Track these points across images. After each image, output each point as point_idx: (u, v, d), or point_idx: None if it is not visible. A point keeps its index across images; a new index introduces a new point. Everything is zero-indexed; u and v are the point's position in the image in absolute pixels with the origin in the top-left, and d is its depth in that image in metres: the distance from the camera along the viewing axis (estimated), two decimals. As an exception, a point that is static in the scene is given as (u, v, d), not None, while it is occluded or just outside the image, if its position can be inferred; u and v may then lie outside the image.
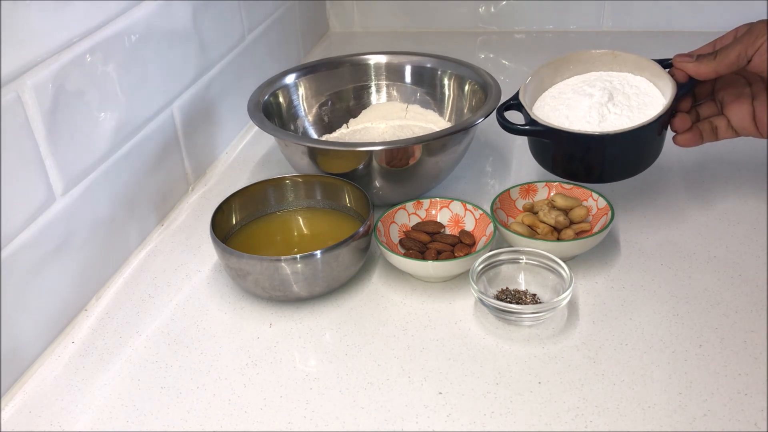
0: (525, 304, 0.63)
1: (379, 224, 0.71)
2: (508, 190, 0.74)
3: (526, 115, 0.71)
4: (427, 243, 0.70)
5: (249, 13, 0.98)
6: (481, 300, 0.63)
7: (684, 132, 0.71)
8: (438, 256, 0.69)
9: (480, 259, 0.65)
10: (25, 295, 0.60)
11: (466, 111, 0.86)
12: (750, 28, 0.65)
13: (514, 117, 0.71)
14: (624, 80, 0.73)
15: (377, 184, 0.76)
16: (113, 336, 0.65)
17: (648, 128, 0.67)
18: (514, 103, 0.73)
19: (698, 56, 0.67)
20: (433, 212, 0.74)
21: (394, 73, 0.91)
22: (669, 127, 0.71)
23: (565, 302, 0.62)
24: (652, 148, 0.70)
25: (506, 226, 0.69)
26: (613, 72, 0.74)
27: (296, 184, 0.76)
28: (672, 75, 0.69)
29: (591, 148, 0.69)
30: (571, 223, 0.71)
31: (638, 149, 0.69)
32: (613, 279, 0.68)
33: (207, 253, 0.75)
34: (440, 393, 0.57)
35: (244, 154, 0.94)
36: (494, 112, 0.73)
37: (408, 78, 0.91)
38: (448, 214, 0.74)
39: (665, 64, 0.71)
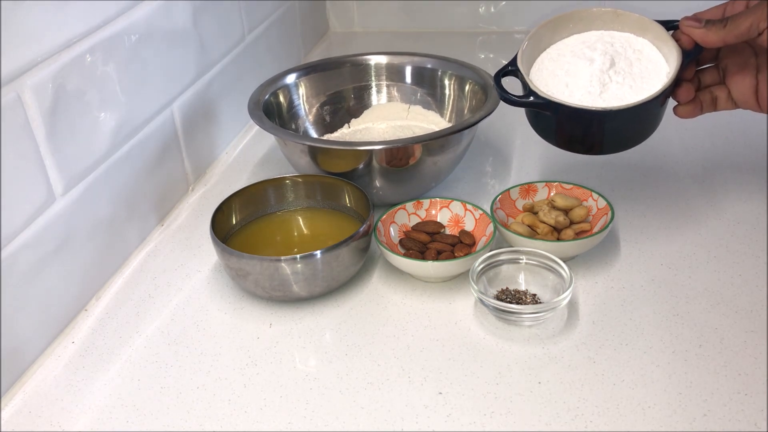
0: (525, 304, 0.63)
1: (379, 224, 0.71)
2: (508, 190, 0.74)
3: (525, 85, 0.67)
4: (427, 243, 0.70)
5: (249, 13, 0.98)
6: (481, 300, 0.63)
7: (686, 103, 0.68)
8: (438, 256, 0.69)
9: (480, 259, 0.65)
10: (25, 295, 0.60)
11: (466, 111, 0.86)
12: None
13: (509, 86, 0.68)
14: (626, 42, 0.69)
15: (377, 184, 0.76)
16: (113, 336, 0.65)
17: (652, 102, 0.64)
18: (512, 70, 0.68)
19: (707, 22, 0.64)
20: (433, 212, 0.74)
21: (394, 74, 0.91)
22: (671, 97, 0.68)
23: (565, 302, 0.62)
24: (654, 119, 0.68)
25: (506, 226, 0.69)
26: (614, 32, 0.70)
27: (296, 184, 0.76)
28: (677, 39, 0.66)
29: (591, 122, 0.66)
30: (571, 223, 0.71)
31: (640, 122, 0.67)
32: (613, 279, 0.68)
33: (207, 253, 0.75)
34: (440, 393, 0.57)
35: (244, 154, 0.94)
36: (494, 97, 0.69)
37: (408, 78, 0.91)
38: (448, 214, 0.74)
39: (670, 26, 0.68)
